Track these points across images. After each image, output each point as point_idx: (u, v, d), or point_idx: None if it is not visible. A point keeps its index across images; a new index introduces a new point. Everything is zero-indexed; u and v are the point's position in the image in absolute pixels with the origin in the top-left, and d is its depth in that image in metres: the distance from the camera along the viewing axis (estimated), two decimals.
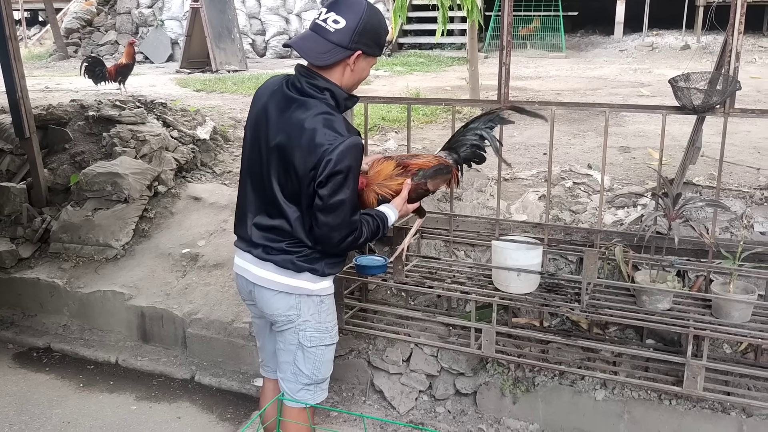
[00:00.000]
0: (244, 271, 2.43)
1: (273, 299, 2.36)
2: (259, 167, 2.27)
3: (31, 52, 14.07)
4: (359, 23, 2.12)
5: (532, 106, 3.11)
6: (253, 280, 2.38)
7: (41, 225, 4.78)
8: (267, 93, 2.28)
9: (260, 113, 2.27)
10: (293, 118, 2.16)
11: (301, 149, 2.13)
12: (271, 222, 2.29)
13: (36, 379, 3.87)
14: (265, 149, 2.25)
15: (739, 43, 2.77)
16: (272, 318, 2.42)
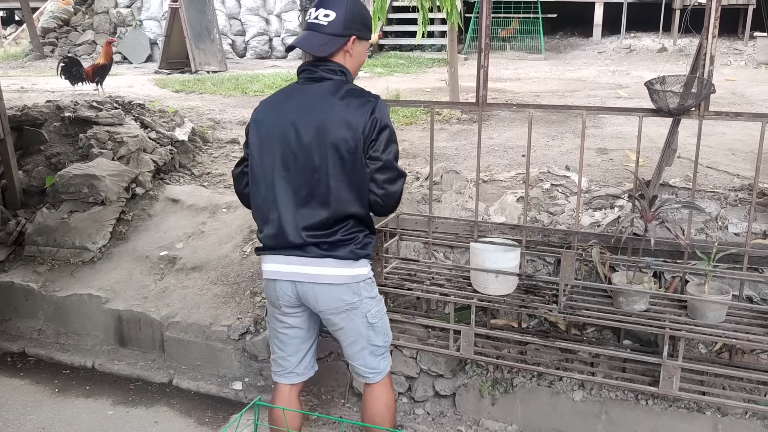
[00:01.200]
0: (292, 276, 2.41)
1: (336, 292, 2.41)
2: (297, 167, 2.33)
3: (6, 51, 13.87)
4: (347, 12, 2.35)
5: (510, 108, 3.12)
6: (311, 279, 2.39)
7: (15, 228, 4.71)
8: (277, 103, 2.43)
9: (278, 120, 2.37)
10: (326, 101, 2.32)
11: (346, 121, 2.29)
12: (322, 216, 2.34)
13: (10, 384, 3.81)
14: (300, 148, 2.32)
15: (714, 46, 2.81)
16: (332, 312, 2.44)
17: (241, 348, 3.70)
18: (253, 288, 3.95)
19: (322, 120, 2.30)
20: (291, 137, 2.33)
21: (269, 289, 2.51)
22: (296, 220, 2.35)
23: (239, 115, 6.78)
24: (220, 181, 5.22)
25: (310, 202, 2.34)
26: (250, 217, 4.49)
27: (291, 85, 2.46)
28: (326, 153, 2.30)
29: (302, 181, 2.34)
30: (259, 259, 4.07)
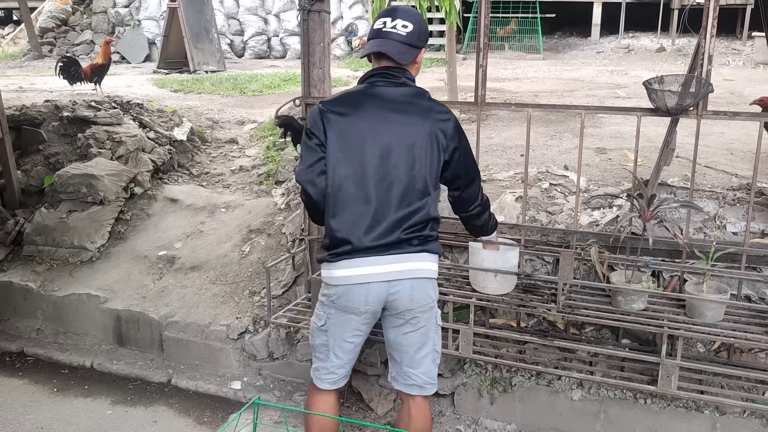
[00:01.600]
0: (388, 275, 2.36)
1: (427, 287, 2.44)
2: (392, 166, 2.35)
3: (4, 51, 13.85)
4: (421, 26, 2.46)
5: (508, 107, 3.12)
6: (410, 275, 2.38)
7: (14, 227, 4.70)
8: (357, 103, 2.42)
9: (366, 119, 2.38)
10: (416, 105, 2.42)
11: (438, 124, 2.40)
12: (418, 213, 2.38)
13: (9, 384, 3.81)
14: (396, 147, 2.36)
15: (712, 46, 2.81)
16: (421, 310, 2.43)
17: (240, 347, 3.70)
18: (251, 287, 3.95)
19: (416, 122, 2.38)
20: (384, 137, 2.35)
21: (353, 295, 2.37)
22: (393, 217, 2.35)
23: (238, 114, 6.78)
24: (219, 181, 5.22)
25: (406, 200, 2.36)
26: (249, 216, 4.53)
27: (364, 87, 2.45)
28: (422, 153, 2.37)
29: (398, 180, 2.35)
30: (257, 258, 4.10)
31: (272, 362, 3.64)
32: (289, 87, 8.62)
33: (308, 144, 2.40)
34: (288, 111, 3.38)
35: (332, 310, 2.44)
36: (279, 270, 3.93)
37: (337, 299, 2.40)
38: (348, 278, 2.36)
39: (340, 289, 2.39)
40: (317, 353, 2.55)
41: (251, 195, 4.87)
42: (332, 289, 2.41)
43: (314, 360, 2.58)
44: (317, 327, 2.50)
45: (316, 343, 2.53)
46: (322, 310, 2.48)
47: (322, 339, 2.50)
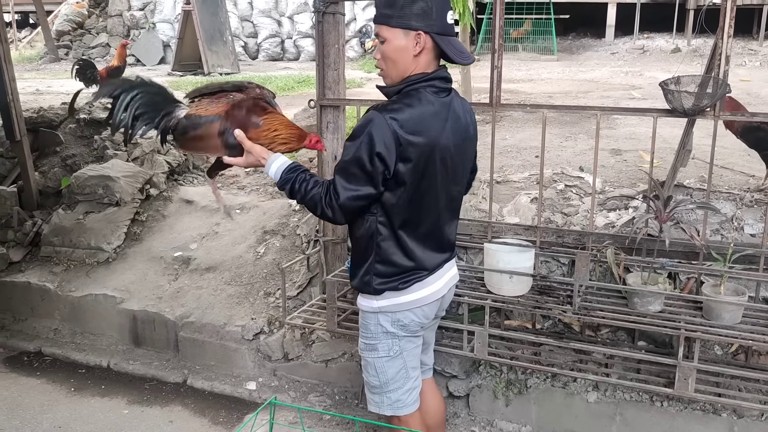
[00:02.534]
0: (450, 282, 2.40)
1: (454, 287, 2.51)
2: (453, 181, 2.26)
3: (21, 54, 13.99)
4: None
5: (523, 108, 3.12)
6: (456, 280, 2.48)
7: (32, 228, 4.75)
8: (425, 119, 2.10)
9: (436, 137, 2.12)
10: (465, 116, 2.27)
11: (474, 135, 2.34)
12: (457, 219, 2.40)
13: (27, 383, 3.85)
14: (454, 162, 2.21)
15: (729, 46, 2.79)
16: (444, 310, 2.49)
17: (255, 348, 3.72)
18: (266, 289, 3.97)
19: (466, 136, 2.27)
20: (448, 154, 2.18)
21: (429, 310, 2.32)
22: (452, 229, 2.36)
23: None
24: (234, 183, 5.25)
25: (458, 210, 2.39)
26: (264, 218, 4.54)
27: (425, 95, 2.13)
28: (468, 165, 2.36)
29: (455, 193, 2.32)
30: (272, 260, 4.12)
31: (287, 363, 3.66)
32: (303, 89, 8.65)
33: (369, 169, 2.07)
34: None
35: (404, 333, 2.30)
36: (294, 271, 3.95)
37: (407, 322, 2.28)
38: (431, 295, 2.29)
39: (419, 310, 2.28)
40: (394, 383, 2.34)
41: (266, 196, 4.89)
42: (401, 314, 2.26)
43: (387, 395, 2.35)
44: (389, 357, 2.31)
45: (390, 375, 2.32)
46: (389, 339, 2.29)
47: (398, 364, 2.33)
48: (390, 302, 2.25)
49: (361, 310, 2.33)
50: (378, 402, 2.39)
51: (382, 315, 2.27)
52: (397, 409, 2.37)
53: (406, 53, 2.11)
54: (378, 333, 2.30)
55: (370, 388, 2.40)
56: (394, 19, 2.09)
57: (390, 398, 2.35)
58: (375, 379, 2.35)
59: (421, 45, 2.09)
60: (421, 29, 2.08)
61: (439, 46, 2.11)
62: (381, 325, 2.28)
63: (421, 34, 2.08)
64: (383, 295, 2.24)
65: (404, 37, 2.09)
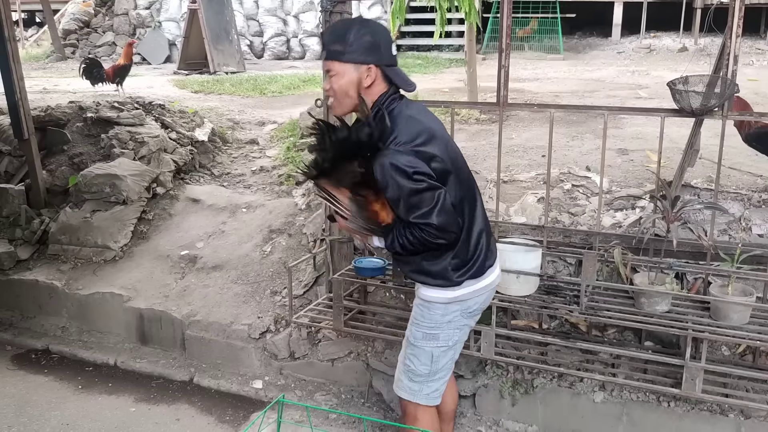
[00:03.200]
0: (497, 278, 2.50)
1: None
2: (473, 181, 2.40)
3: (28, 53, 14.03)
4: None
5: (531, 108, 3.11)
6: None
7: (40, 227, 4.77)
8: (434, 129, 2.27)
9: (449, 143, 2.33)
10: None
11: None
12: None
13: (35, 380, 3.87)
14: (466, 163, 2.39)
15: (738, 46, 2.79)
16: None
17: (261, 347, 3.72)
18: (273, 287, 3.97)
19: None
20: (460, 154, 2.38)
21: (484, 298, 2.44)
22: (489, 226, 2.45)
23: (258, 115, 6.81)
24: (240, 181, 5.26)
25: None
26: (270, 216, 4.55)
27: (418, 105, 2.38)
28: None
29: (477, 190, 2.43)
30: (278, 258, 4.13)
31: (293, 362, 3.66)
32: (309, 88, 8.65)
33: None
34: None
35: (466, 321, 2.42)
36: (300, 270, 3.95)
37: (475, 307, 2.41)
38: (488, 284, 2.41)
39: (476, 299, 2.40)
40: (441, 373, 2.46)
41: (272, 195, 4.90)
42: (472, 300, 2.38)
43: (428, 384, 2.45)
44: (446, 347, 2.42)
45: (442, 364, 2.44)
46: (451, 329, 2.39)
47: (449, 356, 2.45)
48: (467, 290, 2.35)
49: (426, 301, 2.38)
50: (416, 390, 2.46)
51: (455, 304, 2.36)
52: (432, 399, 2.47)
53: (357, 86, 2.23)
54: (443, 323, 2.38)
55: (413, 376, 2.46)
56: (345, 55, 2.20)
57: (430, 387, 2.45)
58: (425, 368, 2.42)
59: (372, 77, 2.21)
60: (371, 63, 2.20)
61: (388, 76, 2.25)
62: (448, 314, 2.37)
63: (372, 68, 2.21)
64: (462, 285, 2.33)
65: (355, 71, 2.21)
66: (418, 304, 2.42)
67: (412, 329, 2.45)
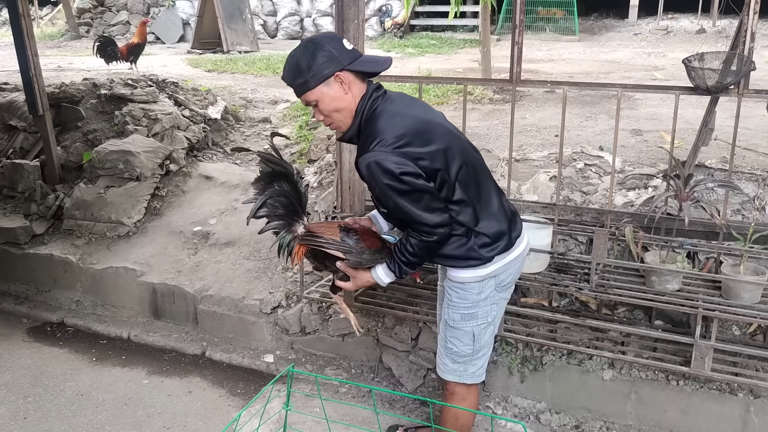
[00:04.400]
0: (527, 245, 2.51)
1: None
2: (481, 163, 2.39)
3: (43, 31, 14.08)
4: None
5: (544, 85, 3.10)
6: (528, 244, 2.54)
7: (54, 202, 4.82)
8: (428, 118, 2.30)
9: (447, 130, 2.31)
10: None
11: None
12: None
13: (50, 352, 3.93)
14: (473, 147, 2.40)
15: (755, 23, 2.75)
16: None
17: (272, 322, 3.76)
18: (284, 263, 4.00)
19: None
20: (459, 137, 2.37)
21: (516, 269, 2.44)
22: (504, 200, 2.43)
23: (270, 94, 6.82)
24: (252, 159, 5.27)
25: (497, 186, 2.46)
26: None
27: (402, 97, 2.34)
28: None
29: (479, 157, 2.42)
30: None
31: (304, 336, 3.70)
32: None
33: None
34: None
35: (500, 295, 2.44)
36: None
37: (509, 279, 2.42)
38: (519, 256, 2.42)
39: (514, 268, 2.41)
40: (485, 349, 2.49)
41: None
42: (505, 274, 2.39)
43: (473, 362, 2.48)
44: (486, 324, 2.44)
45: (484, 341, 2.47)
46: (488, 305, 2.41)
47: (490, 332, 2.47)
48: (499, 264, 2.35)
49: (459, 282, 2.38)
50: (461, 371, 2.48)
51: (489, 280, 2.37)
52: (477, 377, 2.50)
53: (340, 98, 2.22)
54: (479, 301, 2.39)
55: (456, 357, 2.48)
56: (310, 81, 2.18)
57: (476, 365, 2.48)
58: (468, 348, 2.45)
59: (346, 82, 2.20)
60: (335, 72, 2.18)
61: (357, 71, 2.22)
62: (484, 291, 2.38)
63: (338, 74, 2.19)
64: (494, 261, 2.34)
65: (328, 88, 2.20)
66: (451, 286, 2.41)
67: (449, 312, 2.45)
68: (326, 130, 5.02)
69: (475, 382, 2.52)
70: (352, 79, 2.21)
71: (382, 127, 2.18)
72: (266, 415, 2.84)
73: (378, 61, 2.26)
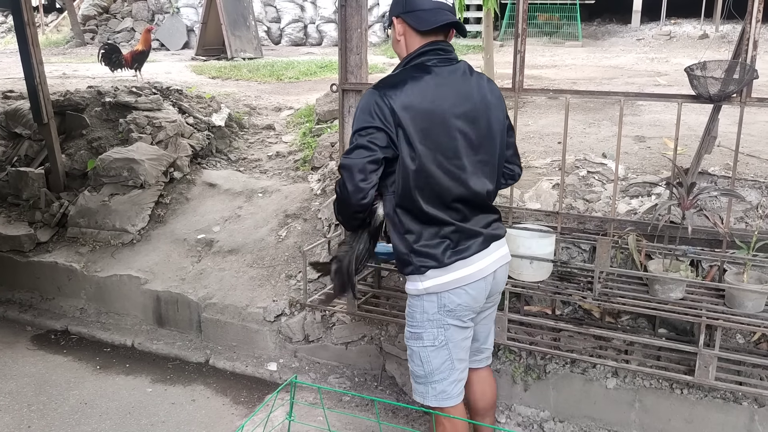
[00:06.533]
0: (494, 264, 2.30)
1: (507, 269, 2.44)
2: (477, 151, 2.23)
3: (48, 38, 14.15)
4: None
5: (546, 93, 3.10)
6: (506, 260, 2.37)
7: (59, 210, 4.84)
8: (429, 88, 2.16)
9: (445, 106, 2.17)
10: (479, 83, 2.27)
11: (498, 100, 2.31)
12: (491, 197, 2.32)
13: (54, 360, 3.94)
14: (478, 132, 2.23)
15: (757, 31, 2.75)
16: (498, 294, 2.46)
17: (276, 330, 3.76)
18: (288, 271, 4.01)
19: (487, 102, 2.25)
20: (468, 122, 2.19)
21: (476, 292, 2.27)
22: (482, 204, 2.27)
23: (274, 101, 6.84)
24: (256, 166, 5.29)
25: (486, 184, 2.27)
26: (286, 201, 4.58)
27: (425, 66, 2.19)
28: (495, 127, 2.28)
29: (482, 165, 2.24)
30: (294, 243, 4.15)
31: (308, 344, 3.70)
32: (326, 74, 8.66)
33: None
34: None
35: (451, 321, 2.27)
36: (315, 254, 3.97)
37: (454, 306, 2.25)
38: (470, 276, 2.24)
39: (459, 291, 2.23)
40: (438, 374, 2.31)
41: (288, 180, 4.93)
42: (446, 297, 2.23)
43: (431, 385, 2.33)
44: (434, 347, 2.28)
45: (435, 365, 2.30)
46: (435, 327, 2.26)
47: (443, 355, 2.30)
48: (434, 282, 2.22)
49: (408, 295, 2.31)
50: (423, 392, 2.37)
51: (428, 299, 2.24)
52: (442, 401, 2.34)
53: (395, 41, 2.27)
54: (423, 321, 2.28)
55: (415, 378, 2.39)
56: (388, 18, 2.30)
57: (435, 389, 2.34)
58: (420, 369, 2.34)
59: (398, 31, 2.23)
60: (392, 15, 2.24)
61: (409, 22, 2.19)
62: (427, 312, 2.26)
63: (394, 21, 2.23)
64: (427, 275, 2.21)
65: (392, 29, 2.27)
66: (407, 300, 2.35)
67: (405, 329, 2.38)
68: (330, 137, 5.03)
69: (442, 406, 2.34)
70: (405, 29, 2.21)
71: (398, 77, 2.17)
72: (270, 424, 2.84)
73: (429, 20, 2.17)
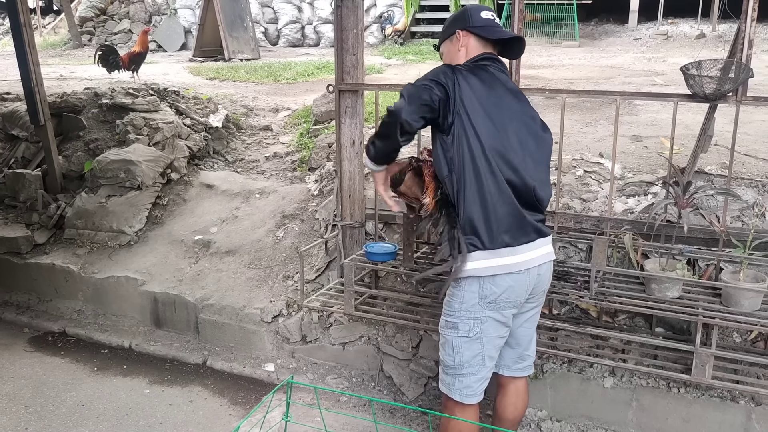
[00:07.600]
0: (540, 259, 2.33)
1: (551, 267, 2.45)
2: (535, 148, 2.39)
3: (45, 40, 14.14)
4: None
5: (542, 93, 3.11)
6: (549, 258, 2.39)
7: (56, 211, 4.84)
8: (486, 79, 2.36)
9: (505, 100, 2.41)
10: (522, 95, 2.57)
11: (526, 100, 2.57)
12: (547, 196, 2.36)
13: (51, 362, 3.93)
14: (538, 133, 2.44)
15: (753, 30, 2.75)
16: (544, 293, 2.46)
17: (273, 330, 3.76)
18: (285, 272, 4.01)
19: (519, 97, 2.48)
20: (526, 120, 2.41)
21: (518, 285, 2.28)
22: (532, 200, 2.30)
23: (272, 102, 6.84)
24: (253, 167, 5.29)
25: (540, 179, 2.33)
26: (283, 202, 4.58)
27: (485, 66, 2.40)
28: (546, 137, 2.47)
29: (536, 161, 2.35)
30: (291, 243, 4.15)
31: (305, 345, 3.70)
32: (323, 75, 8.65)
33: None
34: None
35: (489, 313, 2.28)
36: (312, 255, 3.98)
37: (495, 298, 2.26)
38: (514, 265, 2.25)
39: (503, 280, 2.25)
40: (467, 367, 2.33)
41: (285, 181, 4.93)
42: (487, 285, 2.24)
43: (459, 378, 2.34)
44: (468, 339, 2.30)
45: (466, 357, 2.32)
46: (470, 318, 2.28)
47: (475, 350, 2.31)
48: (479, 265, 2.22)
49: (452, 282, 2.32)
50: (449, 384, 2.38)
51: (468, 288, 2.25)
52: (465, 396, 2.35)
53: (452, 53, 2.51)
54: (461, 311, 2.29)
55: (444, 367, 2.40)
56: (442, 36, 2.57)
57: (462, 382, 2.35)
58: (450, 359, 2.35)
59: (460, 41, 2.46)
60: (456, 29, 2.47)
61: (477, 34, 2.45)
62: (465, 302, 2.28)
63: (458, 33, 2.46)
64: (473, 256, 2.22)
65: (449, 44, 2.53)
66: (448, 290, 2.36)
67: (441, 318, 2.40)
68: (327, 138, 5.04)
69: (463, 402, 2.36)
70: (470, 41, 2.45)
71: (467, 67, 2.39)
72: (267, 425, 2.83)
73: (499, 32, 2.46)
